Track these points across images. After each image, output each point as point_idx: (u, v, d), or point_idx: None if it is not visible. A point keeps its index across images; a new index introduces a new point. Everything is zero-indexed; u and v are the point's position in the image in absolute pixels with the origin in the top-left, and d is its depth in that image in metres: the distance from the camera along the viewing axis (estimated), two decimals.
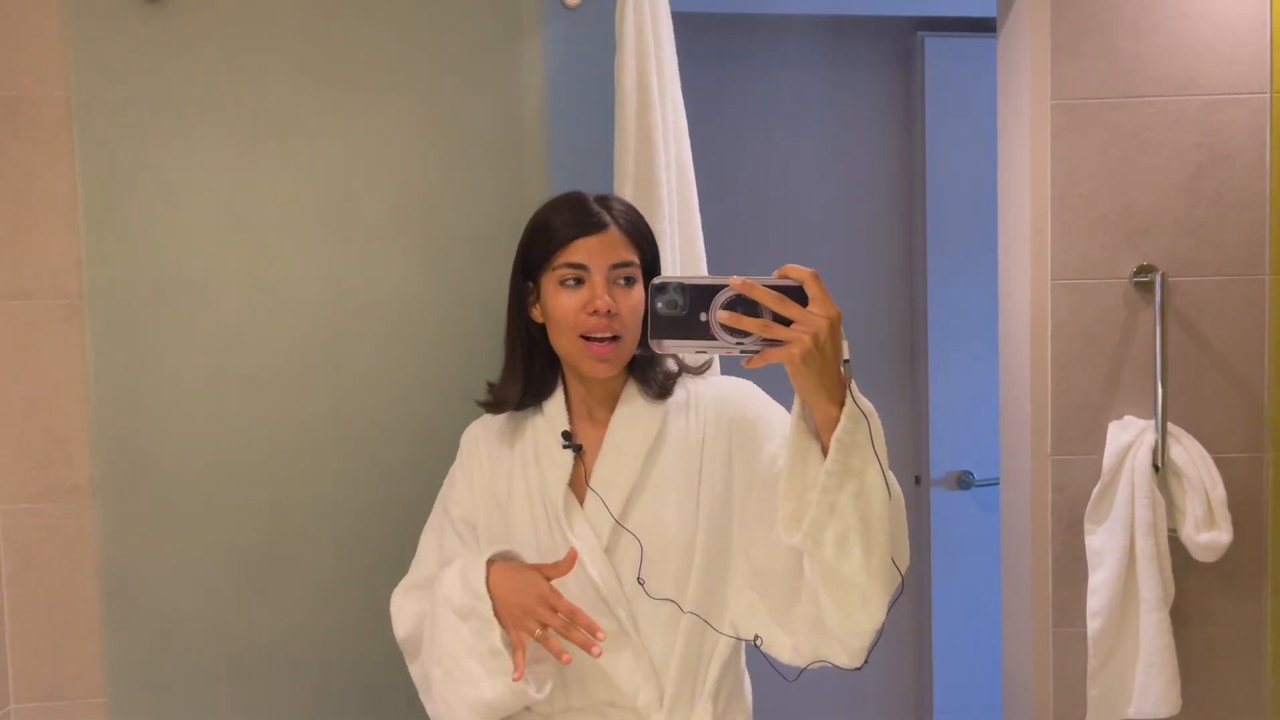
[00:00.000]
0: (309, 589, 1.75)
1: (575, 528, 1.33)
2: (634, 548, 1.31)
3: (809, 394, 1.05)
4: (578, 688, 1.35)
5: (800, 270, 1.04)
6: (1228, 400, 1.89)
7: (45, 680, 1.74)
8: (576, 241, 1.30)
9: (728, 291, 1.04)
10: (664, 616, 1.32)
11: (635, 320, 1.31)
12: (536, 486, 1.37)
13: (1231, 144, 1.86)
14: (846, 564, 1.09)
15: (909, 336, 2.97)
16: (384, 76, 1.75)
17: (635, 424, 1.35)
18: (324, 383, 1.75)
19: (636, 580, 1.31)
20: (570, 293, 1.30)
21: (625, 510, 1.33)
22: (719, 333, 1.05)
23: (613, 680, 1.32)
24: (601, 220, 1.30)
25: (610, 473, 1.34)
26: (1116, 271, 1.88)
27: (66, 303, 1.70)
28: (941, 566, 2.90)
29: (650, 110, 1.71)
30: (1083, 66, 1.86)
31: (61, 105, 1.69)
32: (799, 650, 1.26)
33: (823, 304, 1.03)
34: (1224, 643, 1.92)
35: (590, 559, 1.31)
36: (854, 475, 1.06)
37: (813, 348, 1.02)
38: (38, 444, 1.72)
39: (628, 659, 1.32)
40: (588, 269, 1.29)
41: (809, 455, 1.08)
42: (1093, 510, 1.87)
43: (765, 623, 1.29)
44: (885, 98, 2.91)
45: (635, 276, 1.32)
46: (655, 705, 1.32)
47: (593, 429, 1.38)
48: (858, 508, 1.06)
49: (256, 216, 1.74)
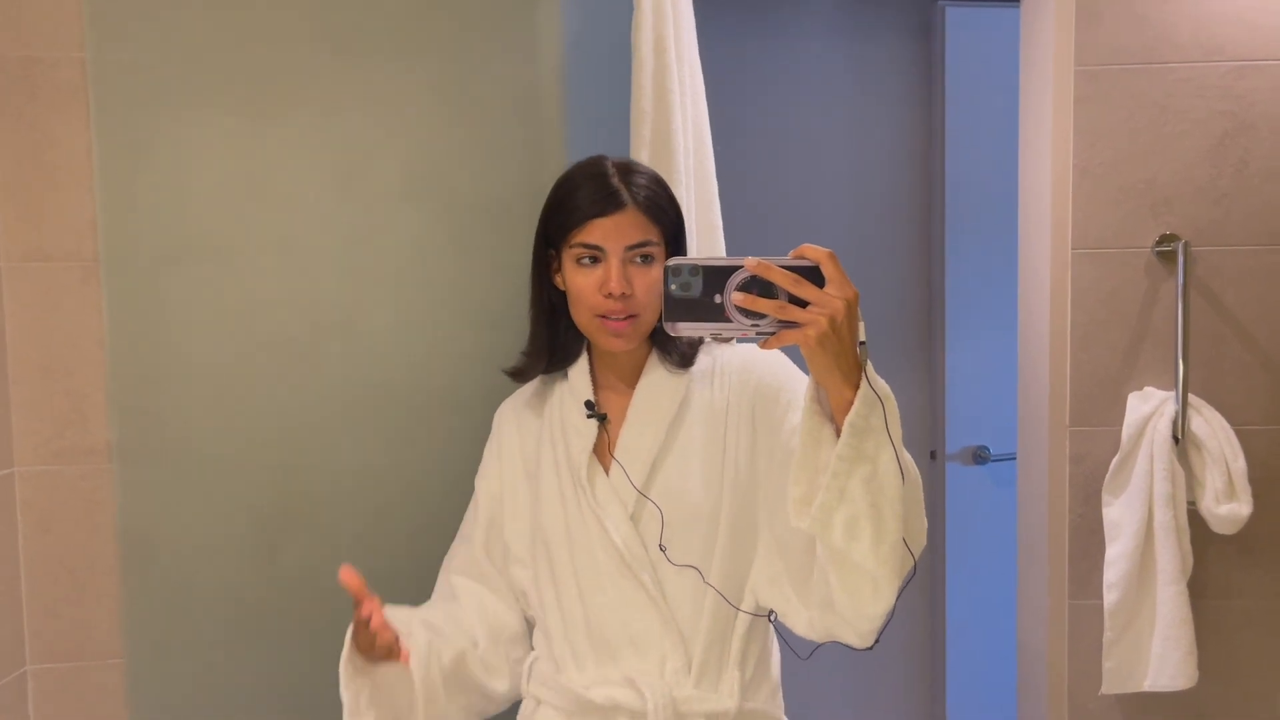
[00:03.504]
0: (325, 551, 1.75)
1: (599, 495, 1.34)
2: (658, 516, 1.32)
3: (824, 376, 1.04)
4: (608, 659, 1.34)
5: (816, 250, 1.02)
6: (1249, 372, 1.87)
7: (62, 641, 1.75)
8: (593, 222, 1.28)
9: (742, 273, 1.02)
10: (690, 584, 1.32)
11: (652, 298, 1.30)
12: (563, 455, 1.38)
13: (1256, 111, 1.84)
14: (856, 549, 1.07)
15: (926, 310, 2.95)
16: (401, 40, 1.74)
17: (659, 393, 1.35)
18: (340, 347, 1.74)
19: (659, 547, 1.31)
20: (586, 272, 1.30)
21: (649, 478, 1.33)
22: (734, 315, 1.03)
23: (641, 646, 1.32)
24: (619, 199, 1.29)
25: (634, 441, 1.34)
26: (1138, 241, 1.86)
27: (83, 265, 1.70)
28: (956, 542, 2.89)
29: (668, 74, 1.69)
30: (1107, 32, 1.84)
31: (77, 66, 1.68)
32: (813, 625, 1.25)
33: (840, 285, 1.01)
34: (1242, 615, 1.91)
35: (615, 526, 1.32)
36: (866, 460, 1.04)
37: (829, 330, 1.00)
38: (55, 406, 1.72)
39: (655, 625, 1.32)
40: (603, 250, 1.28)
41: (822, 438, 1.06)
42: (1111, 482, 1.86)
43: (787, 594, 1.29)
44: (905, 68, 2.89)
45: (654, 255, 1.30)
46: (684, 672, 1.31)
47: (618, 397, 1.39)
48: (869, 493, 1.05)
49: (272, 181, 1.73)
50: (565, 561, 1.36)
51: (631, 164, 1.35)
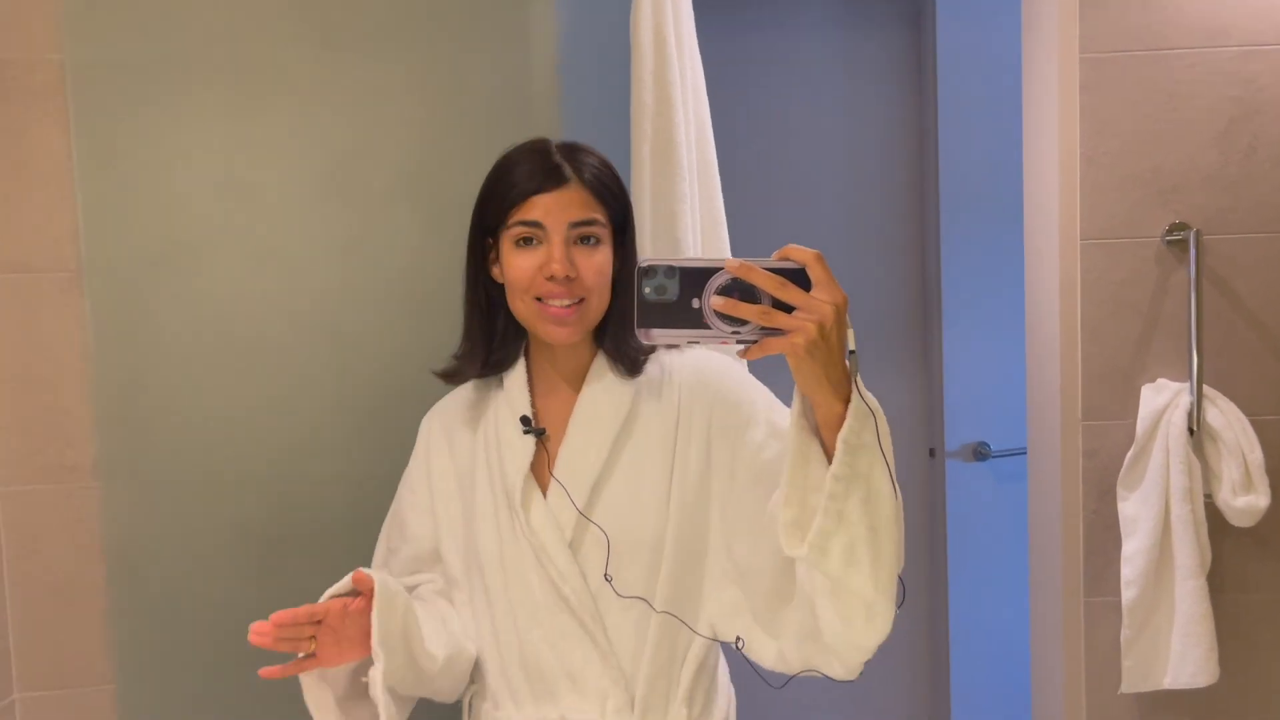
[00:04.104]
0: (317, 565, 1.70)
1: (534, 522, 1.24)
2: (601, 541, 1.22)
3: (812, 388, 0.95)
4: (546, 697, 1.26)
5: (803, 251, 0.93)
6: (1263, 361, 1.84)
7: (51, 667, 1.69)
8: (533, 198, 1.19)
9: (722, 275, 0.93)
10: (634, 615, 1.23)
11: (599, 283, 1.21)
12: (497, 474, 1.28)
13: (1264, 96, 1.80)
14: (855, 576, 0.99)
15: (923, 304, 2.91)
16: (386, 36, 1.68)
17: (603, 403, 1.26)
18: (327, 352, 1.69)
19: (604, 577, 1.22)
20: (526, 253, 1.20)
21: (590, 500, 1.23)
22: (713, 321, 0.94)
23: (580, 684, 1.24)
24: (561, 174, 1.20)
25: (575, 459, 1.24)
26: (1148, 230, 1.83)
27: (65, 275, 1.64)
28: (958, 539, 2.85)
29: (669, 67, 1.64)
30: (1110, 18, 1.80)
31: (54, 69, 1.62)
32: (784, 657, 1.17)
33: (828, 289, 0.92)
34: (1261, 609, 1.87)
35: (551, 557, 1.22)
36: (861, 479, 0.96)
37: (818, 337, 0.91)
38: (38, 423, 1.65)
39: (594, 661, 1.23)
40: (544, 227, 1.19)
41: (811, 456, 0.98)
42: (1126, 476, 1.82)
43: (748, 624, 1.20)
44: (896, 59, 2.85)
45: (599, 236, 1.21)
46: (626, 710, 1.23)
47: (559, 403, 1.29)
48: (866, 515, 0.97)
49: (256, 183, 1.67)
50: (499, 590, 1.27)
51: (578, 145, 1.26)
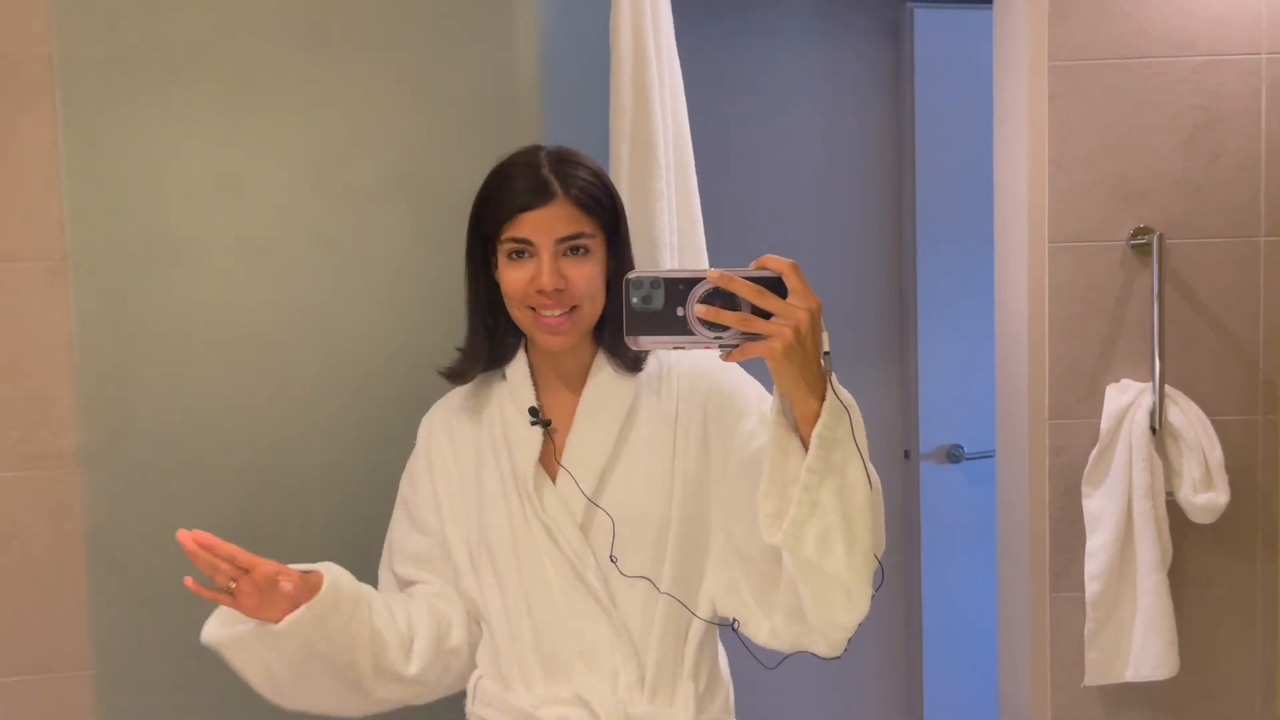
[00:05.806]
0: (301, 556, 1.71)
1: (548, 506, 1.30)
2: (608, 526, 1.28)
3: (789, 388, 1.03)
4: (559, 675, 1.30)
5: (779, 261, 1.01)
6: (1223, 363, 1.89)
7: (30, 652, 1.70)
8: (520, 216, 1.24)
9: (705, 285, 1.01)
10: (641, 594, 1.29)
11: (590, 290, 1.27)
12: (506, 464, 1.33)
13: (1227, 105, 1.86)
14: (829, 561, 1.06)
15: (898, 309, 2.96)
16: (374, 35, 1.71)
17: (607, 396, 1.32)
18: (313, 347, 1.71)
19: (609, 558, 1.28)
20: (518, 266, 1.26)
21: (598, 486, 1.30)
22: (697, 327, 1.02)
23: (592, 661, 1.29)
24: (548, 191, 1.24)
25: (582, 448, 1.31)
26: (1113, 234, 1.88)
27: (50, 265, 1.66)
28: (931, 540, 2.90)
29: (647, 69, 1.68)
30: (1080, 27, 1.85)
31: (43, 63, 1.64)
32: (776, 635, 1.23)
33: (803, 296, 1.00)
34: (1220, 604, 1.92)
35: (565, 538, 1.29)
36: (835, 471, 1.04)
37: (794, 341, 0.99)
38: (22, 410, 1.67)
39: (607, 637, 1.28)
40: (533, 243, 1.25)
41: (789, 450, 1.06)
42: (1090, 473, 1.87)
43: (746, 602, 1.26)
44: (875, 69, 2.90)
45: (588, 246, 1.26)
46: (637, 687, 1.28)
47: (561, 398, 1.34)
48: (840, 504, 1.04)
49: (243, 178, 1.69)
50: (512, 574, 1.32)
51: (569, 154, 1.29)
